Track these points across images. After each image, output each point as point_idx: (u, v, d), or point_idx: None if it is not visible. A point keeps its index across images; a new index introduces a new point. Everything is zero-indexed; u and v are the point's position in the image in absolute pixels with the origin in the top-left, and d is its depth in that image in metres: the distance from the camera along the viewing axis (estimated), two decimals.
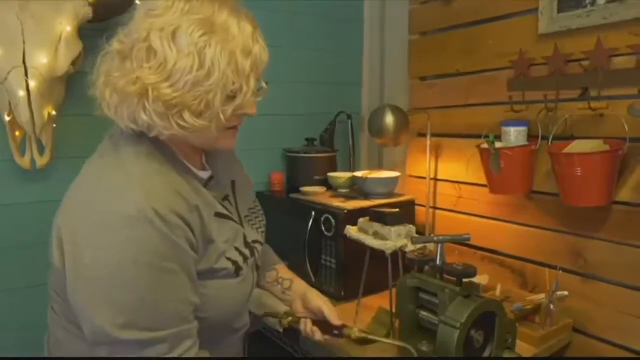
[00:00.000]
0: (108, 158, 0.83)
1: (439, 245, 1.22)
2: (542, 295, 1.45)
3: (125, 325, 0.75)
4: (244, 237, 0.97)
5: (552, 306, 1.39)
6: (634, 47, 1.30)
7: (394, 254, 1.33)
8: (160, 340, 0.78)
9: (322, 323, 1.13)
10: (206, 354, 0.88)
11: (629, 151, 1.31)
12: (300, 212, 1.69)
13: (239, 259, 0.92)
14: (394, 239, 1.33)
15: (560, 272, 1.46)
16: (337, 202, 1.65)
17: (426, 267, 1.25)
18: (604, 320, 1.42)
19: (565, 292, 1.43)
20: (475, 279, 1.25)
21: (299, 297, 1.17)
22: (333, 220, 1.59)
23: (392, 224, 1.34)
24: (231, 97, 0.81)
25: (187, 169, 0.88)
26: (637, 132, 1.28)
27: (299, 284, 1.18)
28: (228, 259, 0.89)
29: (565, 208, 1.47)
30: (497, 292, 1.54)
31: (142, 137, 0.83)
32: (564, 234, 1.52)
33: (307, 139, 1.98)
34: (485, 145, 1.54)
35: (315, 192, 1.81)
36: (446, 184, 1.87)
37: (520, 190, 1.55)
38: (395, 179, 1.76)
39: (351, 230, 1.43)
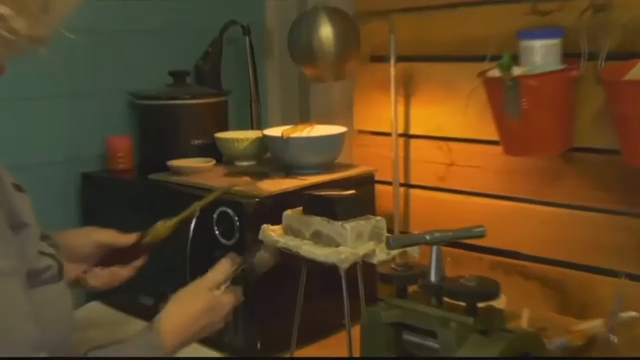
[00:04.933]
0: None
1: (434, 249, 1.24)
2: (597, 322, 1.53)
3: None
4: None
5: (614, 338, 1.47)
6: None
7: (353, 269, 1.34)
8: None
9: (116, 256, 1.37)
10: None
11: None
12: (171, 207, 1.62)
13: (53, 251, 1.02)
14: (351, 243, 1.34)
15: (625, 279, 1.54)
16: (239, 185, 1.64)
17: (412, 288, 1.27)
18: None
19: (634, 313, 1.51)
20: (496, 302, 1.28)
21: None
22: (235, 217, 1.58)
23: (346, 217, 1.36)
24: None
25: None
26: None
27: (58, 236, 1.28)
28: (43, 253, 1.00)
29: (630, 174, 1.55)
30: (524, 320, 1.60)
31: None
32: (629, 217, 1.60)
33: (172, 74, 1.96)
34: (494, 73, 1.58)
35: (196, 169, 1.78)
36: (426, 144, 1.90)
37: (555, 147, 1.61)
38: (340, 137, 1.77)
39: (271, 233, 1.43)
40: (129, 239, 1.39)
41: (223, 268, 1.26)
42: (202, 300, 1.21)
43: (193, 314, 1.19)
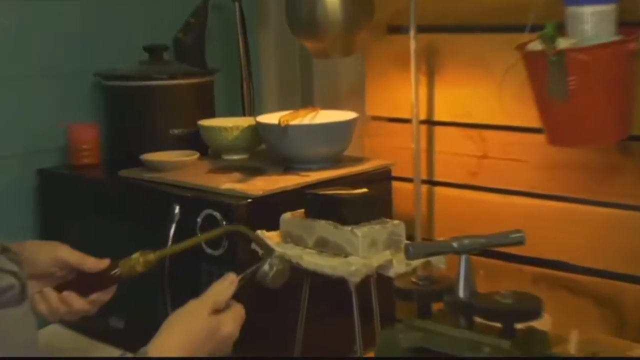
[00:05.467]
0: None
1: (463, 259, 1.24)
2: None
3: None
4: None
5: None
6: None
7: (365, 283, 1.35)
8: None
9: (76, 282, 1.35)
10: None
11: None
12: (147, 210, 1.70)
13: (15, 268, 1.02)
14: (363, 252, 1.35)
15: None
16: (228, 183, 1.65)
17: (436, 306, 1.27)
18: None
19: None
20: (538, 323, 1.28)
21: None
22: (223, 222, 1.58)
23: (357, 221, 1.37)
24: None
25: None
26: None
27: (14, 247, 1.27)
28: (3, 269, 1.00)
29: None
30: (572, 344, 1.59)
31: None
32: None
33: (147, 49, 1.97)
34: (535, 47, 1.57)
35: (176, 164, 1.79)
36: (453, 133, 1.91)
37: (609, 135, 1.60)
38: (350, 125, 1.78)
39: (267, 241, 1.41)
40: (98, 264, 1.35)
41: (221, 289, 1.23)
42: (200, 322, 1.18)
43: (191, 340, 1.16)
